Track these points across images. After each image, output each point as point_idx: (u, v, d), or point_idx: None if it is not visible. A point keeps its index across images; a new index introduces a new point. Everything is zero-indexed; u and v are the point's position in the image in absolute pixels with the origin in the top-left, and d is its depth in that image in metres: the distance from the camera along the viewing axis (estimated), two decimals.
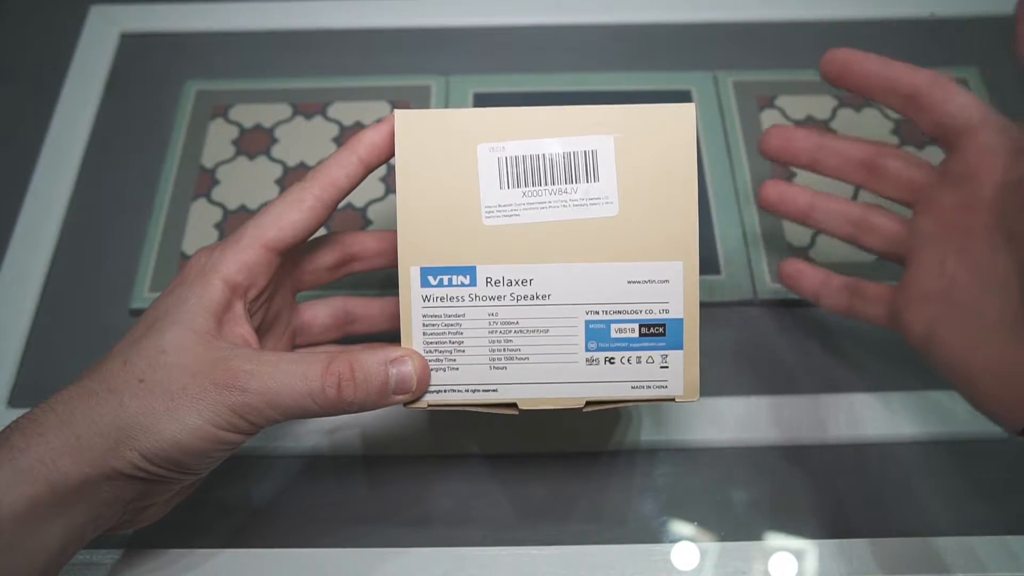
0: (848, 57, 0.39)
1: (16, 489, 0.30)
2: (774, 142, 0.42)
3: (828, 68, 0.39)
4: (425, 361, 0.35)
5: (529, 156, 0.34)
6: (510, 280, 0.35)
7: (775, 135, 0.42)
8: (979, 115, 0.36)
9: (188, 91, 0.55)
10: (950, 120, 0.37)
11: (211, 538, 0.41)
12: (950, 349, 0.36)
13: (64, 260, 0.50)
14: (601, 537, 0.41)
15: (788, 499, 0.42)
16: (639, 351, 0.35)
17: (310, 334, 0.41)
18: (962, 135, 0.37)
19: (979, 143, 0.36)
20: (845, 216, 0.42)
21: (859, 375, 0.45)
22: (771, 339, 0.47)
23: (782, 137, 0.42)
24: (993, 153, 0.35)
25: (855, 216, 0.42)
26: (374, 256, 0.41)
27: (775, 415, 0.44)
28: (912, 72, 0.38)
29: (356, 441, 0.44)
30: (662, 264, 0.35)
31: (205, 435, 0.32)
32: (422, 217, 0.34)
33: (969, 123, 0.36)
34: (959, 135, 0.37)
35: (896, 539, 0.40)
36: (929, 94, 0.37)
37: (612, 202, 0.34)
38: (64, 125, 0.55)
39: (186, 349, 0.33)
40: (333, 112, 0.55)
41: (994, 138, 0.36)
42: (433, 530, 0.41)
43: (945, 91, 0.37)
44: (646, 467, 0.43)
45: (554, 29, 0.59)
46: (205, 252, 0.35)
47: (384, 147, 0.36)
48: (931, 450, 0.43)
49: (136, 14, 0.60)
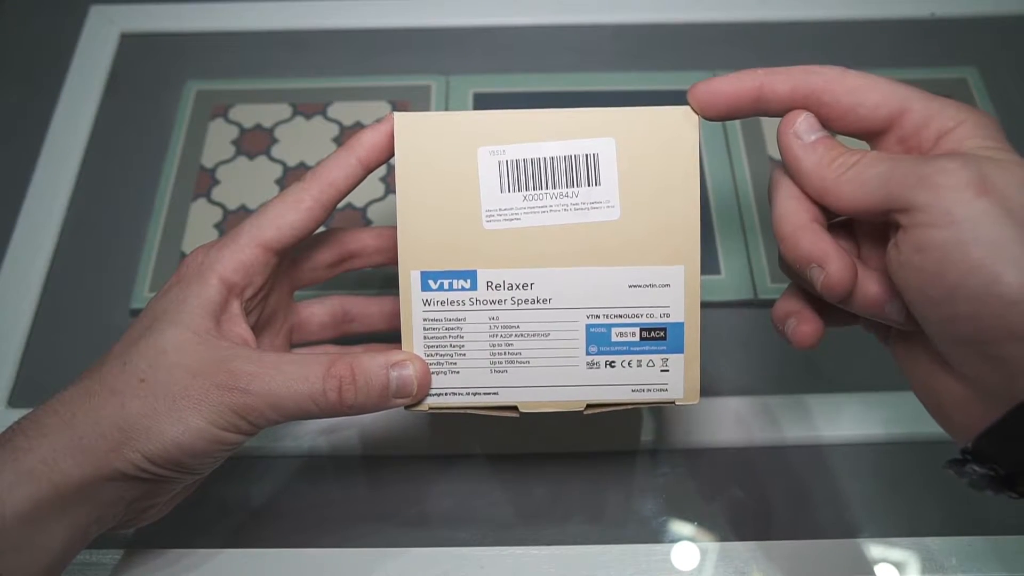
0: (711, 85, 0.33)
1: (19, 490, 0.30)
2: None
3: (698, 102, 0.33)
4: (426, 365, 0.35)
5: (530, 159, 0.34)
6: (511, 284, 0.35)
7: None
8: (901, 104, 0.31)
9: (188, 91, 0.55)
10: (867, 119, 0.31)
11: (211, 538, 0.41)
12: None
13: (64, 260, 0.50)
14: (601, 537, 0.41)
15: (788, 499, 0.42)
16: (640, 355, 0.35)
17: (307, 332, 0.41)
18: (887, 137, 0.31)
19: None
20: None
21: (859, 375, 0.45)
22: (771, 339, 0.47)
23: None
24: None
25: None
26: (373, 253, 0.41)
27: (775, 415, 0.44)
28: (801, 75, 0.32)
29: (356, 441, 0.44)
30: (663, 268, 0.35)
31: (206, 436, 0.32)
32: (422, 221, 0.34)
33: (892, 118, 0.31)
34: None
35: (897, 539, 0.40)
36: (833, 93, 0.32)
37: (613, 206, 0.34)
38: (64, 125, 0.55)
39: (186, 349, 0.33)
40: (333, 112, 0.55)
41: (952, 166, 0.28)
42: (433, 530, 0.41)
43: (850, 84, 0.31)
44: (646, 467, 0.43)
45: (554, 29, 0.59)
46: (202, 250, 0.35)
47: (383, 148, 0.36)
48: (931, 450, 0.43)
49: (136, 14, 0.60)
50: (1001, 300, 0.26)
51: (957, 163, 0.27)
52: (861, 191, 0.30)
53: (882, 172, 0.29)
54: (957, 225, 0.26)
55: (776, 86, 0.32)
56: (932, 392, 0.31)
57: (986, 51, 0.57)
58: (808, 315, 0.34)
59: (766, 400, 0.44)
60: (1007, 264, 0.26)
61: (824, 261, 0.30)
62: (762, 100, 0.33)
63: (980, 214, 0.26)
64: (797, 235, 0.31)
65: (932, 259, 0.27)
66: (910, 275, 0.28)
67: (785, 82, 0.32)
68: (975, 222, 0.26)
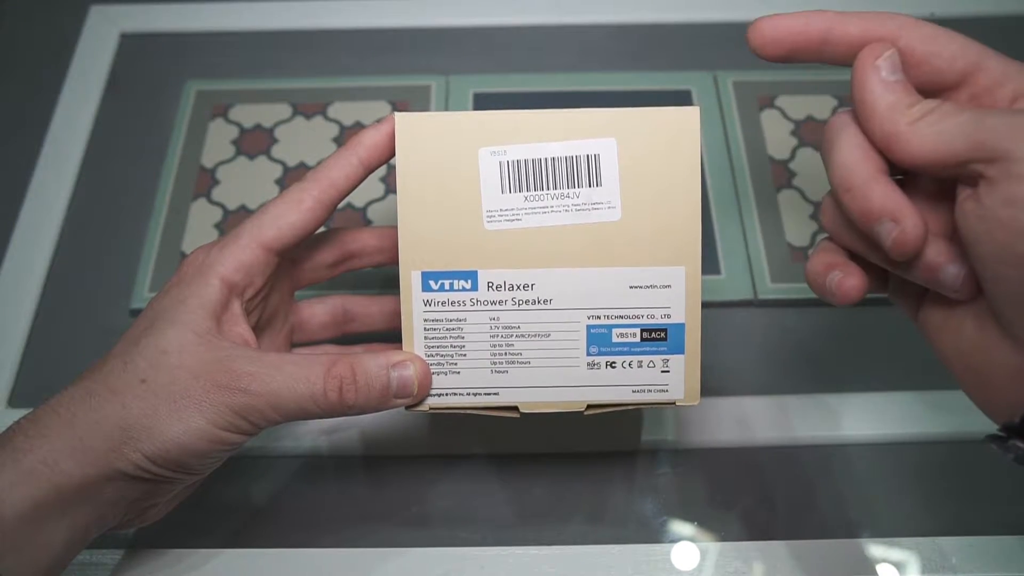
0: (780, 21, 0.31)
1: (19, 490, 0.30)
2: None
3: (758, 41, 0.32)
4: (426, 365, 0.35)
5: (531, 160, 0.34)
6: (512, 285, 0.35)
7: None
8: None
9: (188, 91, 0.55)
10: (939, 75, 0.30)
11: (211, 538, 0.41)
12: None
13: (64, 260, 0.50)
14: (601, 537, 0.41)
15: (788, 499, 0.42)
16: (640, 355, 0.35)
17: (308, 332, 0.41)
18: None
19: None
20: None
21: (860, 375, 0.45)
22: (771, 339, 0.47)
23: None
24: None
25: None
26: (373, 253, 0.41)
27: (775, 415, 0.44)
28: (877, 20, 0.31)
29: (356, 441, 0.44)
30: (664, 269, 0.35)
31: (207, 436, 0.32)
32: (423, 221, 0.34)
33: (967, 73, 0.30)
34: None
35: (897, 539, 0.40)
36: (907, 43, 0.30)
37: (614, 207, 0.34)
38: (64, 125, 0.55)
39: (187, 350, 0.33)
40: (333, 112, 0.55)
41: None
42: (433, 530, 0.41)
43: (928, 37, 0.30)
44: (646, 467, 0.43)
45: (554, 29, 0.59)
46: (202, 250, 0.35)
47: (384, 148, 0.36)
48: (932, 450, 0.43)
49: (136, 14, 0.60)
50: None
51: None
52: (940, 140, 0.28)
53: (966, 121, 0.27)
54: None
55: (847, 28, 0.30)
56: (976, 364, 0.30)
57: None
58: (853, 268, 0.31)
59: (766, 400, 0.44)
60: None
61: (899, 216, 0.28)
62: (829, 43, 0.31)
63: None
64: (869, 186, 0.29)
65: (1015, 212, 0.26)
66: (994, 230, 0.27)
67: (857, 24, 0.30)
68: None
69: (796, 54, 0.31)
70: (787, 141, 0.53)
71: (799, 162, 0.52)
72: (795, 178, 0.51)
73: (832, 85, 0.55)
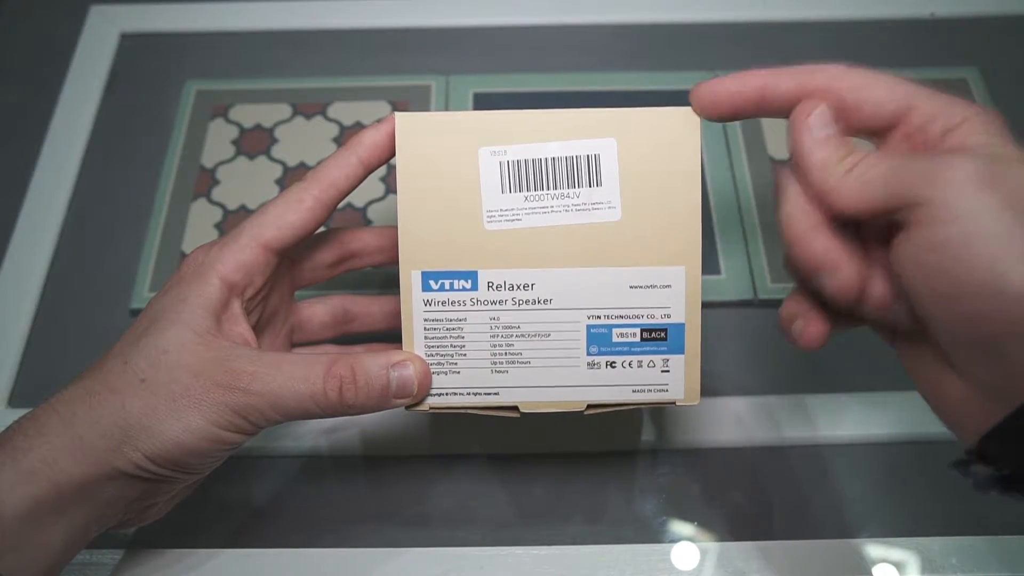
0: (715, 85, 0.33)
1: (19, 489, 0.30)
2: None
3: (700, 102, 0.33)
4: (426, 365, 0.35)
5: (531, 160, 0.34)
6: (512, 285, 0.35)
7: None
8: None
9: (188, 91, 0.55)
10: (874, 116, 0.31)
11: (211, 538, 0.41)
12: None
13: (64, 260, 0.50)
14: (601, 537, 0.41)
15: (788, 499, 0.42)
16: (640, 355, 0.35)
17: (308, 332, 0.41)
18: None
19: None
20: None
21: (860, 375, 0.45)
22: (771, 339, 0.47)
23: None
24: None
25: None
26: (374, 253, 0.41)
27: (775, 415, 0.44)
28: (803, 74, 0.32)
29: (356, 441, 0.44)
30: (664, 269, 0.35)
31: (207, 435, 0.32)
32: (423, 221, 0.34)
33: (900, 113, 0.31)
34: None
35: (897, 539, 0.40)
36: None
37: (615, 207, 0.34)
38: (64, 125, 0.55)
39: (187, 349, 0.33)
40: (333, 112, 0.55)
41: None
42: (433, 530, 0.41)
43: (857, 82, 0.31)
44: (647, 467, 0.43)
45: (554, 29, 0.59)
46: (202, 250, 0.35)
47: (384, 148, 0.36)
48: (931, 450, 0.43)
49: (136, 14, 0.60)
50: (1005, 296, 0.25)
51: (962, 158, 0.27)
52: (865, 191, 0.29)
53: (886, 171, 0.29)
54: (962, 220, 0.26)
55: (780, 85, 0.32)
56: (937, 393, 0.31)
57: (986, 51, 0.57)
58: (814, 316, 0.33)
59: (766, 400, 0.44)
60: (1012, 260, 0.25)
61: (835, 267, 0.30)
62: (766, 100, 0.32)
63: (985, 209, 0.26)
64: (808, 238, 0.31)
65: (936, 256, 0.27)
66: (915, 273, 0.28)
67: (789, 81, 0.32)
68: (980, 217, 0.26)
69: (739, 112, 0.33)
70: (787, 141, 0.53)
71: None
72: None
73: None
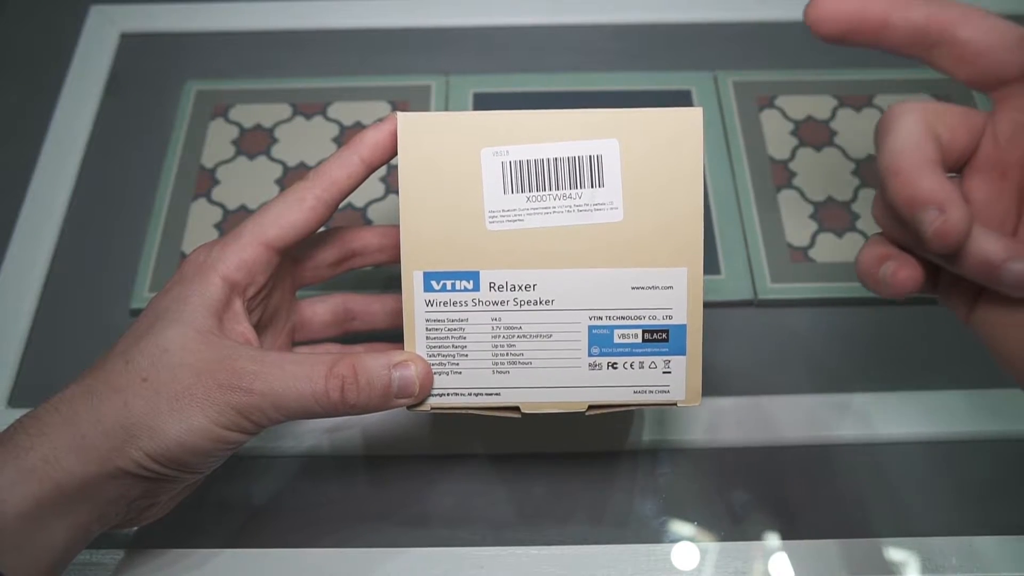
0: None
1: (21, 488, 0.30)
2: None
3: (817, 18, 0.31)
4: (428, 365, 0.35)
5: (533, 160, 0.34)
6: (514, 285, 0.35)
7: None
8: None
9: (188, 91, 0.55)
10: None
11: (211, 538, 0.41)
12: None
13: (64, 260, 0.50)
14: (601, 537, 0.41)
15: (788, 499, 0.42)
16: (642, 356, 0.35)
17: (310, 331, 0.41)
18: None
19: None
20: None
21: (859, 375, 0.45)
22: (771, 339, 0.47)
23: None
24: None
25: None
26: (375, 252, 0.41)
27: (775, 415, 0.44)
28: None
29: (356, 441, 0.44)
30: (666, 270, 0.35)
31: (209, 434, 0.32)
32: (425, 221, 0.34)
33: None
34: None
35: (897, 539, 0.40)
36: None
37: (617, 207, 0.34)
38: (64, 125, 0.55)
39: (189, 348, 0.33)
40: (333, 112, 0.55)
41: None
42: (433, 530, 0.41)
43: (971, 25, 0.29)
44: (647, 467, 0.43)
45: (554, 29, 0.59)
46: (204, 249, 0.35)
47: (386, 147, 0.36)
48: (931, 450, 0.43)
49: (136, 14, 0.60)
50: None
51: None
52: None
53: None
54: None
55: (910, 12, 0.29)
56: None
57: None
58: (908, 258, 0.30)
59: (766, 400, 0.45)
60: None
61: (945, 204, 0.27)
62: (889, 26, 0.30)
63: None
64: (919, 171, 0.27)
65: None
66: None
67: (920, 9, 0.29)
68: None
69: (852, 35, 0.30)
70: (787, 141, 0.53)
71: (799, 162, 0.52)
72: (795, 178, 0.51)
73: (832, 85, 0.55)
